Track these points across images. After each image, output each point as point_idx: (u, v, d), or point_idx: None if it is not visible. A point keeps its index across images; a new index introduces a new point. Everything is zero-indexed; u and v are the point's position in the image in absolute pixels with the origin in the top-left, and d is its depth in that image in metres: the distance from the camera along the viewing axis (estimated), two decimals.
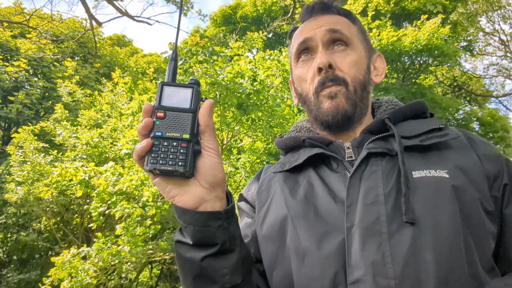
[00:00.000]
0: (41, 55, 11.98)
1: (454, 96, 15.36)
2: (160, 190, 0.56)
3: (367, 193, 0.61)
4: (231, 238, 0.57)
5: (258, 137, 5.74)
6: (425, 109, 0.74)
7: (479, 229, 0.58)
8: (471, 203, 0.58)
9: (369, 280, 0.54)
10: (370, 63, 0.77)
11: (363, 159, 0.64)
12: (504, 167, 0.63)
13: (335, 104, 0.70)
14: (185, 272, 0.59)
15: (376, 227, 0.57)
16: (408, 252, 0.55)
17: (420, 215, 0.57)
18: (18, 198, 7.93)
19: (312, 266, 0.59)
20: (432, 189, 0.59)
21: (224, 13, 17.37)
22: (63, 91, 11.49)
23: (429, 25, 8.81)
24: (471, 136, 0.69)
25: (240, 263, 0.58)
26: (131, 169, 5.05)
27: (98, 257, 4.63)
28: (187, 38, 12.14)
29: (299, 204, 0.66)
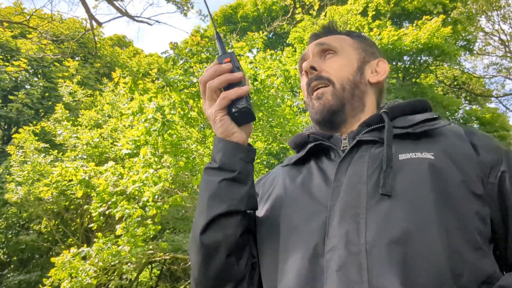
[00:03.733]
0: (42, 55, 11.97)
1: (454, 96, 15.36)
2: (223, 127, 0.73)
3: (353, 175, 0.66)
4: (246, 172, 0.72)
5: (258, 137, 5.74)
6: (426, 107, 0.77)
7: (460, 207, 0.59)
8: (452, 183, 0.61)
9: (341, 246, 0.59)
10: (365, 66, 0.84)
11: (353, 146, 0.71)
12: (503, 157, 0.65)
13: (321, 102, 0.79)
14: (205, 192, 0.72)
15: (356, 202, 0.62)
16: (382, 222, 0.58)
17: (399, 190, 0.61)
18: (18, 198, 7.92)
19: (298, 240, 0.65)
20: (414, 168, 0.63)
21: (225, 13, 17.36)
22: (64, 91, 11.49)
23: (429, 24, 8.81)
24: (471, 130, 0.71)
25: (246, 196, 0.70)
26: (132, 169, 5.04)
27: (98, 257, 4.63)
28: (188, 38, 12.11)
29: (296, 188, 0.74)
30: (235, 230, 0.69)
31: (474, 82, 16.69)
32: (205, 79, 0.74)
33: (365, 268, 0.55)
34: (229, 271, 0.70)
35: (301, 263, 0.62)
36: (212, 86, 0.72)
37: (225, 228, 0.69)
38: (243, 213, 0.71)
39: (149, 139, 4.68)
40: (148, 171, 4.47)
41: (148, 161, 4.71)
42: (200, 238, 0.69)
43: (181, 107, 4.72)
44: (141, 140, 4.71)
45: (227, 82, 0.72)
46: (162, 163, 4.74)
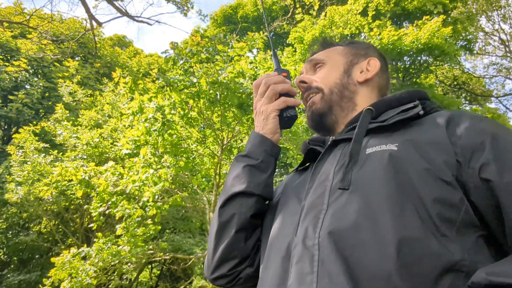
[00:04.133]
0: (41, 55, 11.97)
1: (454, 96, 15.36)
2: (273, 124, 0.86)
3: (322, 173, 0.71)
4: (267, 162, 0.84)
5: None
6: (413, 97, 0.77)
7: (420, 195, 0.57)
8: (412, 171, 0.60)
9: (299, 242, 0.62)
10: (353, 67, 0.88)
11: (328, 146, 0.76)
12: (487, 140, 0.60)
13: (312, 110, 0.86)
14: (231, 174, 0.85)
15: (320, 200, 0.65)
16: (336, 215, 0.61)
17: (358, 183, 0.62)
18: (18, 198, 7.92)
19: (279, 240, 0.69)
20: (376, 160, 0.64)
21: (225, 13, 17.37)
22: (64, 91, 11.48)
23: (430, 24, 8.80)
24: (459, 113, 0.68)
25: (264, 183, 0.81)
26: (132, 169, 5.04)
27: (98, 257, 4.63)
28: (188, 39, 12.12)
29: (290, 191, 0.80)
30: (247, 210, 0.79)
31: (474, 82, 16.69)
32: (271, 81, 0.88)
33: (316, 260, 0.58)
34: (236, 246, 0.79)
35: (277, 263, 0.66)
36: (276, 89, 0.87)
37: (240, 206, 0.80)
38: (258, 197, 0.80)
39: (149, 139, 4.68)
40: (148, 171, 4.47)
41: (148, 161, 4.71)
42: (219, 211, 0.82)
43: (181, 107, 4.72)
44: (141, 140, 4.71)
45: (288, 91, 0.88)
46: (162, 163, 4.74)
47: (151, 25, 9.26)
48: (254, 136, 0.88)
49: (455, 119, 0.66)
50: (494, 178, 0.56)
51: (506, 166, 0.57)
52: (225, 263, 0.79)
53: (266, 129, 0.86)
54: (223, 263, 0.80)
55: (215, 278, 0.81)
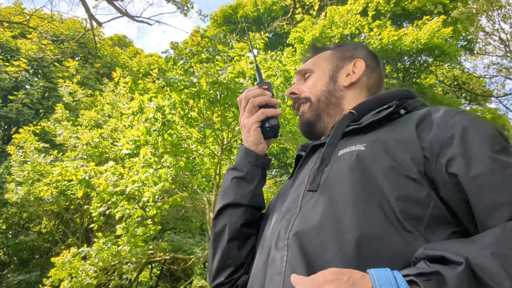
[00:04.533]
0: (41, 55, 11.97)
1: (454, 96, 15.36)
2: (255, 136, 0.89)
3: (299, 178, 0.74)
4: (253, 174, 0.87)
5: None
6: (394, 97, 0.77)
7: (384, 193, 0.58)
8: (378, 170, 0.61)
9: (273, 245, 0.65)
10: (338, 72, 0.90)
11: (308, 151, 0.79)
12: (457, 134, 0.60)
13: (302, 120, 0.90)
14: (222, 186, 0.90)
15: (294, 203, 0.68)
16: (304, 216, 0.63)
17: (325, 184, 0.65)
18: (18, 198, 7.92)
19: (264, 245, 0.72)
20: (344, 161, 0.66)
21: (225, 13, 17.37)
22: (64, 91, 11.48)
23: (430, 24, 8.80)
24: (434, 109, 0.68)
25: (250, 193, 0.84)
26: (132, 169, 5.04)
27: (98, 257, 4.62)
28: (188, 39, 12.12)
29: (280, 196, 0.82)
30: (237, 220, 0.83)
31: (474, 82, 16.68)
32: (250, 96, 0.91)
33: (285, 260, 0.60)
34: (229, 255, 0.82)
35: (259, 268, 0.68)
36: (255, 102, 0.90)
37: (230, 217, 0.83)
38: (246, 207, 0.84)
39: (149, 139, 4.68)
40: (148, 171, 4.47)
41: (148, 161, 4.71)
42: (213, 222, 0.87)
43: (181, 107, 4.72)
44: (141, 140, 4.71)
45: (267, 102, 0.91)
46: (162, 163, 4.74)
47: (151, 25, 9.27)
48: (240, 149, 0.92)
49: (428, 116, 0.66)
50: (461, 172, 0.56)
51: (472, 160, 0.56)
52: (222, 271, 0.83)
53: (250, 141, 0.90)
54: (220, 271, 0.83)
55: (216, 286, 0.84)
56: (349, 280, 0.47)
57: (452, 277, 0.44)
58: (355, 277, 0.48)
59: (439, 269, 0.46)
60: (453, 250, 0.48)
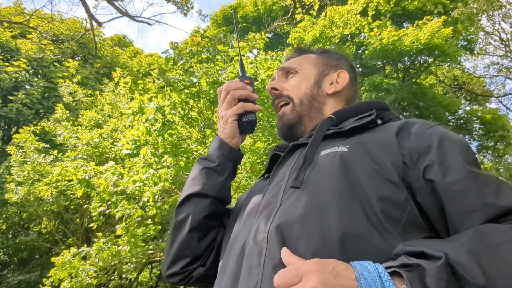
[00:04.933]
0: (41, 55, 11.97)
1: (454, 96, 15.35)
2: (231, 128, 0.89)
3: (279, 175, 0.74)
4: (224, 166, 0.87)
5: (258, 137, 5.73)
6: (371, 107, 0.81)
7: (366, 193, 0.60)
8: (360, 171, 0.63)
9: (251, 238, 0.64)
10: (323, 79, 0.91)
11: (288, 151, 0.79)
12: (434, 143, 0.64)
13: (282, 121, 0.89)
14: (190, 175, 0.89)
15: (274, 198, 0.68)
16: (286, 210, 0.63)
17: (309, 182, 0.65)
18: (18, 198, 7.92)
19: (238, 239, 0.71)
20: (327, 161, 0.68)
21: (225, 13, 17.36)
22: (64, 91, 11.48)
23: (430, 25, 8.79)
24: (410, 120, 0.73)
25: (219, 185, 0.84)
26: (132, 169, 5.04)
27: (98, 257, 4.62)
28: (188, 39, 12.12)
29: (255, 193, 0.81)
30: (201, 210, 0.82)
31: (475, 82, 16.67)
32: (230, 88, 0.91)
33: (264, 253, 0.60)
34: (188, 245, 0.81)
35: (233, 262, 0.67)
36: (235, 94, 0.90)
37: (194, 207, 0.83)
38: (213, 199, 0.83)
39: (149, 139, 4.68)
40: (148, 171, 4.46)
41: (148, 161, 4.71)
42: (176, 210, 0.85)
43: (181, 107, 4.72)
44: (141, 140, 4.71)
45: (247, 96, 0.91)
46: (162, 163, 4.74)
47: (151, 25, 9.27)
48: (214, 140, 0.91)
49: (407, 125, 0.71)
50: (437, 178, 0.60)
51: (448, 168, 0.60)
52: (178, 261, 0.82)
53: (225, 133, 0.90)
54: (177, 260, 0.82)
55: (169, 275, 0.84)
56: (333, 271, 0.48)
57: (433, 269, 0.46)
58: (339, 268, 0.49)
59: (420, 262, 0.48)
60: (432, 246, 0.50)
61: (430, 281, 0.45)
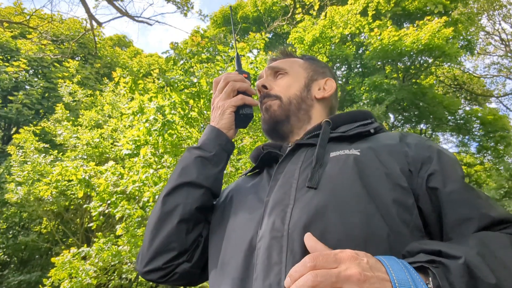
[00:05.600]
0: (41, 55, 11.97)
1: (454, 96, 15.35)
2: (228, 120, 0.87)
3: (287, 172, 0.73)
4: (220, 157, 0.85)
5: (258, 137, 5.73)
6: (367, 117, 0.85)
7: (381, 195, 0.63)
8: (374, 175, 0.66)
9: (267, 235, 0.63)
10: (312, 83, 0.93)
11: (292, 149, 0.78)
12: (434, 155, 0.69)
13: (270, 114, 0.89)
14: (180, 164, 0.84)
15: (286, 195, 0.67)
16: (304, 208, 0.63)
17: (323, 182, 0.66)
18: (18, 198, 7.92)
19: (239, 234, 0.70)
20: (341, 162, 0.69)
21: (225, 14, 17.37)
22: (64, 91, 11.48)
23: (431, 25, 8.79)
24: (407, 133, 0.77)
25: (213, 177, 0.82)
26: (132, 169, 5.04)
27: (98, 257, 4.62)
28: (188, 39, 12.13)
29: (246, 189, 0.81)
30: (193, 201, 0.78)
31: (475, 82, 16.67)
32: (230, 78, 0.90)
33: (285, 250, 0.60)
34: (176, 237, 0.76)
35: (238, 257, 0.66)
36: (235, 86, 0.89)
37: (186, 197, 0.78)
38: (206, 190, 0.80)
39: (149, 139, 4.68)
40: (148, 171, 4.46)
41: (148, 161, 4.71)
42: (164, 199, 0.79)
43: (181, 107, 4.72)
44: (141, 140, 4.70)
45: (246, 90, 0.90)
46: (162, 163, 4.73)
47: (151, 25, 9.27)
48: (210, 129, 0.88)
49: (404, 137, 0.75)
50: (440, 186, 0.64)
51: (448, 178, 0.65)
52: (162, 255, 0.76)
53: (222, 123, 0.87)
54: (159, 255, 0.76)
55: (148, 272, 0.77)
56: (368, 263, 0.49)
57: (456, 267, 0.48)
58: (371, 261, 0.50)
59: (442, 260, 0.50)
60: (448, 246, 0.53)
61: (453, 278, 0.48)
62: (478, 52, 16.55)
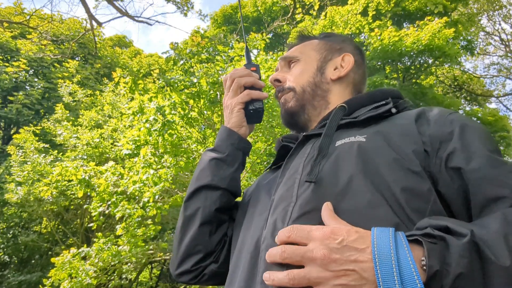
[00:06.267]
0: (41, 55, 11.97)
1: (454, 96, 15.35)
2: (237, 117, 0.86)
3: (292, 167, 0.70)
4: (234, 156, 0.83)
5: (258, 137, 5.73)
6: (386, 96, 0.78)
7: (389, 184, 0.57)
8: (381, 161, 0.60)
9: (269, 236, 0.61)
10: (326, 64, 0.87)
11: (299, 142, 0.75)
12: (456, 130, 0.62)
13: (285, 109, 0.86)
14: (198, 167, 0.85)
15: (288, 193, 0.64)
16: (303, 206, 0.60)
17: (324, 175, 0.62)
18: (18, 199, 7.92)
19: (249, 235, 0.69)
20: (344, 151, 0.64)
21: (225, 13, 17.36)
22: (64, 91, 11.48)
23: (431, 25, 8.79)
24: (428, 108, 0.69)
25: (229, 177, 0.81)
26: (132, 170, 5.04)
27: (98, 258, 4.62)
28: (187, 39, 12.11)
29: (262, 187, 0.79)
30: (212, 203, 0.79)
31: (475, 82, 16.68)
32: (236, 75, 0.88)
33: None
34: (200, 240, 0.78)
35: (246, 259, 0.65)
36: (240, 82, 0.87)
37: (205, 199, 0.79)
38: (223, 191, 0.80)
39: (150, 139, 4.68)
40: (149, 171, 4.46)
41: (148, 161, 4.71)
42: (184, 204, 0.81)
43: (181, 107, 4.71)
44: (141, 140, 4.70)
45: (253, 84, 0.88)
46: (162, 163, 4.73)
47: (151, 25, 9.28)
48: (222, 130, 0.88)
49: (425, 112, 0.68)
50: (462, 164, 0.57)
51: (473, 153, 0.58)
52: (189, 258, 0.78)
53: (232, 122, 0.86)
54: (187, 258, 0.78)
55: (179, 274, 0.79)
56: (342, 242, 0.48)
57: (456, 246, 0.45)
58: (351, 239, 0.48)
59: (445, 236, 0.46)
60: (459, 223, 0.49)
61: (450, 258, 0.44)
62: (478, 52, 16.55)
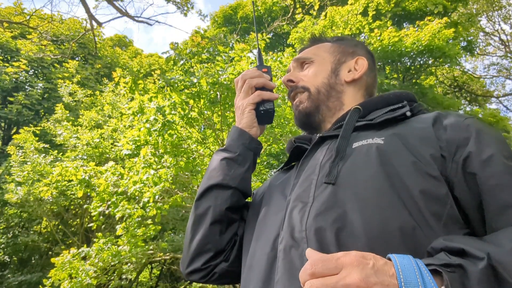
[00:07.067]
0: (41, 56, 11.97)
1: (454, 96, 15.35)
2: (248, 118, 0.87)
3: (308, 168, 0.70)
4: (245, 156, 0.84)
5: (259, 138, 5.73)
6: (401, 99, 0.78)
7: (407, 187, 0.57)
8: (399, 164, 0.60)
9: (287, 236, 0.61)
10: (340, 66, 0.88)
11: (315, 143, 0.75)
12: (472, 135, 0.61)
13: (299, 110, 0.86)
14: (209, 167, 0.86)
15: (305, 193, 0.65)
16: (320, 208, 0.60)
17: (343, 176, 0.62)
18: (18, 199, 7.91)
19: (265, 235, 0.69)
20: (362, 153, 0.65)
21: (225, 13, 17.36)
22: (64, 91, 11.48)
23: (431, 26, 8.79)
24: (445, 112, 0.69)
25: (240, 176, 0.82)
26: (132, 170, 5.03)
27: (98, 258, 4.62)
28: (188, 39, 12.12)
29: (275, 187, 0.80)
30: (223, 202, 0.79)
31: (475, 83, 16.68)
32: (247, 76, 0.89)
33: (305, 255, 0.55)
34: (210, 238, 0.79)
35: (262, 259, 0.65)
36: (251, 83, 0.88)
37: (216, 198, 0.80)
38: (234, 190, 0.81)
39: (150, 139, 4.67)
40: (149, 171, 4.46)
41: (149, 161, 4.70)
42: (195, 203, 0.83)
43: (181, 107, 4.71)
44: (141, 140, 4.70)
45: (264, 85, 0.89)
46: (162, 164, 4.73)
47: (151, 25, 9.28)
48: (233, 130, 0.89)
49: (441, 117, 0.67)
50: (477, 170, 0.57)
51: (488, 160, 0.58)
52: (200, 256, 0.79)
53: (243, 123, 0.87)
54: (198, 256, 0.79)
55: (190, 273, 0.81)
56: (374, 267, 0.45)
57: (475, 272, 0.44)
58: (379, 263, 0.46)
59: (461, 263, 0.45)
60: (474, 244, 0.47)
61: (471, 285, 0.43)
62: (477, 53, 16.55)
